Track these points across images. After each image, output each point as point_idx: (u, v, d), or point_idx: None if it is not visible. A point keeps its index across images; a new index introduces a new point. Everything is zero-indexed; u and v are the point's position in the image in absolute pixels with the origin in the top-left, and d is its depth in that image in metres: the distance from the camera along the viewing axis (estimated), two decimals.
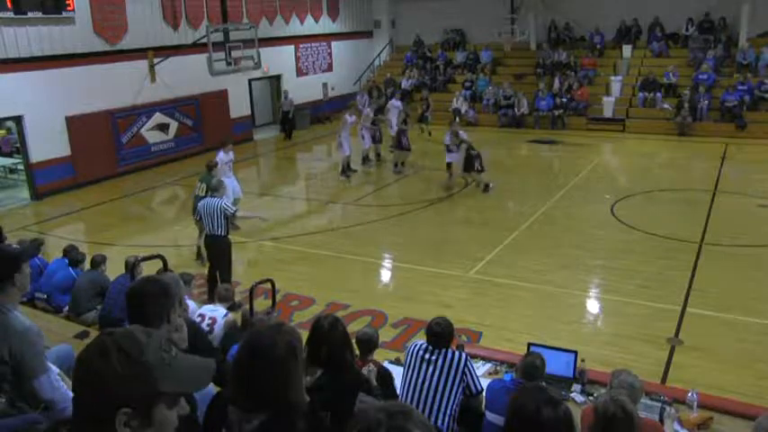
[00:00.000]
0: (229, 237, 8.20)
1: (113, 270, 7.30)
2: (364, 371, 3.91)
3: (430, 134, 18.01)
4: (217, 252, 8.16)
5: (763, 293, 7.87)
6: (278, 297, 7.71)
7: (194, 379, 1.53)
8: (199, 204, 8.37)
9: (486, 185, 12.75)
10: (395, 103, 16.71)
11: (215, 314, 5.74)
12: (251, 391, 2.00)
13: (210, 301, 6.98)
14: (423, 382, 4.00)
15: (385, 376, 4.31)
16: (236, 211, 8.22)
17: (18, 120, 13.66)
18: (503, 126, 19.41)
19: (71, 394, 1.58)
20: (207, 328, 5.50)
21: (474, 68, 21.69)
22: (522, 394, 2.54)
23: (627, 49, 20.07)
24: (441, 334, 4.11)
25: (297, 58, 21.17)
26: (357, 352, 4.47)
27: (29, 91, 13.41)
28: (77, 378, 1.46)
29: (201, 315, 5.71)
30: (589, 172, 14.31)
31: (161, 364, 1.45)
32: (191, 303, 5.95)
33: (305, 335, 3.00)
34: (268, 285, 7.41)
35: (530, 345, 4.82)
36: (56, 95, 13.88)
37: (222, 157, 10.78)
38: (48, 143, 13.89)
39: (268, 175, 16.73)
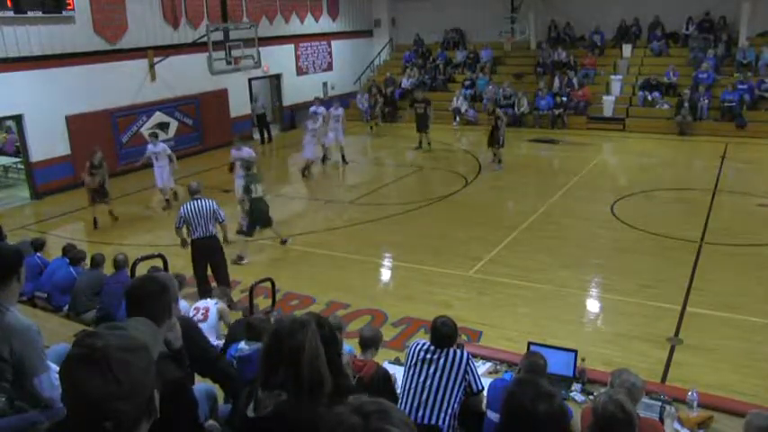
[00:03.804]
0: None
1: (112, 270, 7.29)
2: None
3: (429, 145, 16.84)
4: (213, 252, 8.06)
5: (763, 293, 7.86)
6: (278, 296, 7.73)
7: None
8: (185, 209, 7.95)
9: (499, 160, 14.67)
10: (316, 109, 15.77)
11: (206, 305, 6.21)
12: (281, 373, 2.19)
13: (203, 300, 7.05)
14: (424, 381, 3.99)
15: (385, 378, 4.30)
16: (224, 220, 8.18)
17: (18, 119, 13.68)
18: None
19: None
20: (201, 317, 6.01)
21: (474, 68, 21.68)
22: (517, 388, 2.52)
23: (627, 49, 20.07)
24: (447, 335, 4.07)
25: (297, 58, 21.17)
26: (357, 353, 4.48)
27: (29, 90, 13.41)
28: (65, 389, 1.46)
29: (196, 308, 6.16)
30: (589, 171, 14.30)
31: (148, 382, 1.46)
32: (183, 303, 6.02)
33: None
34: (268, 285, 7.43)
35: (530, 344, 4.82)
36: (56, 95, 13.89)
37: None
38: (48, 142, 13.90)
39: (267, 174, 16.70)
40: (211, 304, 6.19)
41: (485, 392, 4.10)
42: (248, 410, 2.26)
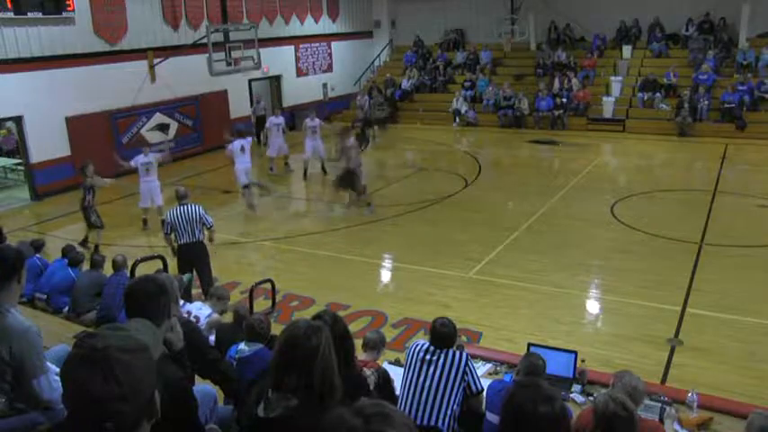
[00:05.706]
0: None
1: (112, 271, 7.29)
2: (367, 372, 3.85)
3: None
4: (198, 257, 7.93)
5: (762, 293, 7.86)
6: (278, 297, 7.72)
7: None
8: (171, 215, 7.80)
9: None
10: (274, 120, 15.14)
11: (199, 313, 5.79)
12: (293, 378, 2.18)
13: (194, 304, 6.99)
14: (424, 382, 3.99)
15: (384, 379, 4.30)
16: (212, 225, 8.00)
17: (18, 120, 13.68)
18: (503, 126, 19.42)
19: None
20: None
21: (474, 69, 21.69)
22: (518, 391, 2.52)
23: (627, 50, 20.09)
24: (447, 335, 4.08)
25: (297, 59, 21.17)
26: (361, 356, 4.47)
27: (29, 91, 13.42)
28: (66, 390, 1.46)
29: (188, 312, 5.77)
30: (589, 172, 14.31)
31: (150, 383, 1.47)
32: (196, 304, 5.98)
33: None
34: (268, 285, 7.43)
35: (530, 345, 4.82)
36: (56, 95, 13.89)
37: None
38: (48, 143, 13.90)
39: (267, 176, 16.72)
40: (203, 315, 5.85)
41: (484, 393, 4.10)
42: (258, 410, 2.27)
